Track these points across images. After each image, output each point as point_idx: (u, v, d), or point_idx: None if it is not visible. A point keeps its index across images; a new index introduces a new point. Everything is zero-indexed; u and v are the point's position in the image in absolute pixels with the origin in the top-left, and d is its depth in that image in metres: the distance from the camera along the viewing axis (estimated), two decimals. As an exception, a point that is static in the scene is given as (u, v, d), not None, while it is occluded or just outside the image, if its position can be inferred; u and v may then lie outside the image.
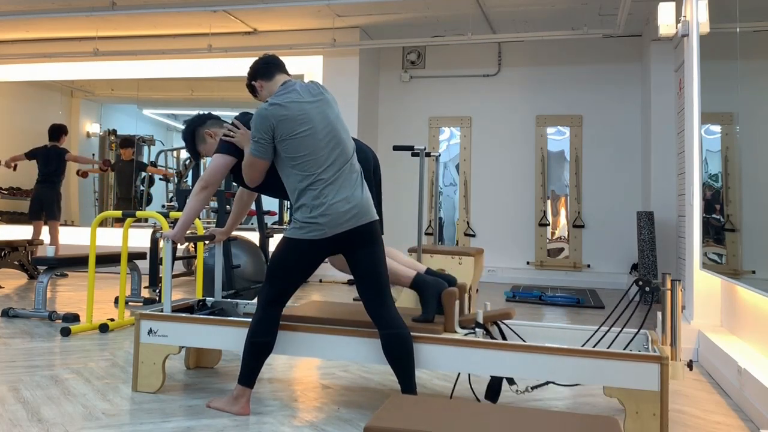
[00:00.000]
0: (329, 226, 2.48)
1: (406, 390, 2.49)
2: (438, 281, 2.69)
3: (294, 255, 2.52)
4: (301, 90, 2.61)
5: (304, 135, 2.53)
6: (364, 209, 2.54)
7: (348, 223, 2.49)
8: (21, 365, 3.31)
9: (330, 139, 2.56)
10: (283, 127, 2.52)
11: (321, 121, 2.56)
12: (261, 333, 2.55)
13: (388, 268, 2.71)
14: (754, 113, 3.09)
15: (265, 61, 2.76)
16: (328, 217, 2.48)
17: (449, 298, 2.64)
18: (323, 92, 2.66)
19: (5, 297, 5.70)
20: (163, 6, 6.98)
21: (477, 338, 2.58)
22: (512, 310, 2.90)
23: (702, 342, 3.76)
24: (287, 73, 2.78)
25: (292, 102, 2.56)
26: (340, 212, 2.48)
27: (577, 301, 6.13)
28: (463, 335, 2.61)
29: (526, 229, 8.25)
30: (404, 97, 8.76)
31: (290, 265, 2.53)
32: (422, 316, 2.69)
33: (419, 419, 1.68)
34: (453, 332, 2.64)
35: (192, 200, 2.79)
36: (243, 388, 2.59)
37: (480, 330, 2.67)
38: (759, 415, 2.59)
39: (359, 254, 2.54)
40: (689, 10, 4.17)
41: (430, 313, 2.67)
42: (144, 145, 9.05)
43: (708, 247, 3.88)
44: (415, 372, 2.50)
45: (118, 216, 4.37)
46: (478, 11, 7.18)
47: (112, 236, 8.43)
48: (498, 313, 2.87)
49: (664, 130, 6.98)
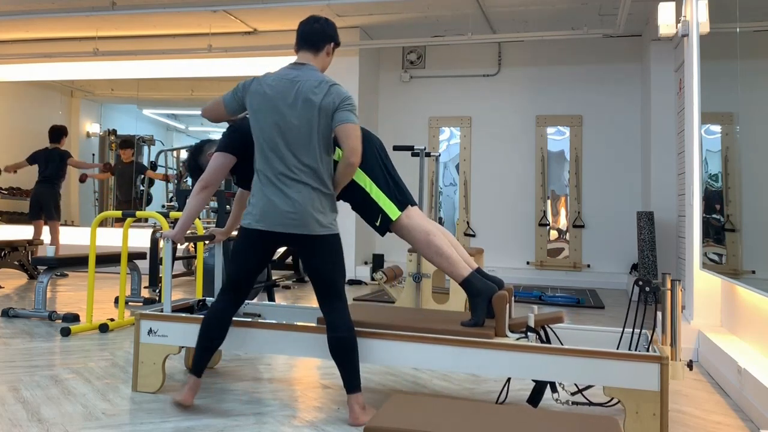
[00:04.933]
0: (257, 219, 2.53)
1: (349, 388, 2.52)
2: (488, 285, 2.64)
3: (238, 241, 2.61)
4: (288, 79, 2.55)
5: (257, 124, 2.55)
6: (294, 221, 2.49)
7: (276, 227, 2.51)
8: (21, 365, 3.31)
9: (274, 140, 2.51)
10: (249, 100, 2.58)
11: (274, 118, 2.52)
12: (204, 327, 2.61)
13: (447, 257, 2.67)
14: (754, 113, 3.09)
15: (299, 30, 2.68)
16: (258, 211, 2.53)
17: (500, 302, 2.57)
18: (312, 94, 2.51)
19: (5, 297, 5.70)
20: (163, 6, 6.98)
21: (530, 343, 2.53)
22: (562, 314, 2.83)
23: (702, 342, 3.76)
24: (310, 47, 2.63)
25: (269, 84, 2.55)
26: (266, 211, 2.51)
27: (577, 301, 6.13)
28: (514, 340, 2.56)
29: (526, 229, 8.25)
30: (404, 97, 8.76)
31: (237, 250, 2.61)
32: (472, 320, 2.63)
33: (419, 419, 1.68)
34: (504, 336, 2.58)
35: (192, 200, 2.79)
36: (190, 376, 2.64)
37: (532, 334, 2.62)
38: (759, 415, 2.59)
39: (303, 258, 2.57)
40: (689, 10, 4.17)
41: (480, 317, 2.63)
42: (144, 145, 9.05)
43: (708, 247, 3.87)
44: (358, 370, 2.53)
45: (118, 216, 4.37)
46: (478, 11, 7.18)
47: (112, 236, 8.43)
48: (548, 317, 2.79)
49: (664, 130, 6.98)
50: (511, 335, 2.60)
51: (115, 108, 9.45)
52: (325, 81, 2.56)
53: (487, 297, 2.63)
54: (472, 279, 2.66)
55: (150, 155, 9.01)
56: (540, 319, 2.76)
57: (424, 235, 2.70)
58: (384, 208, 2.72)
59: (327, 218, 2.54)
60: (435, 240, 2.69)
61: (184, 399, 2.60)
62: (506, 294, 2.60)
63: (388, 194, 2.73)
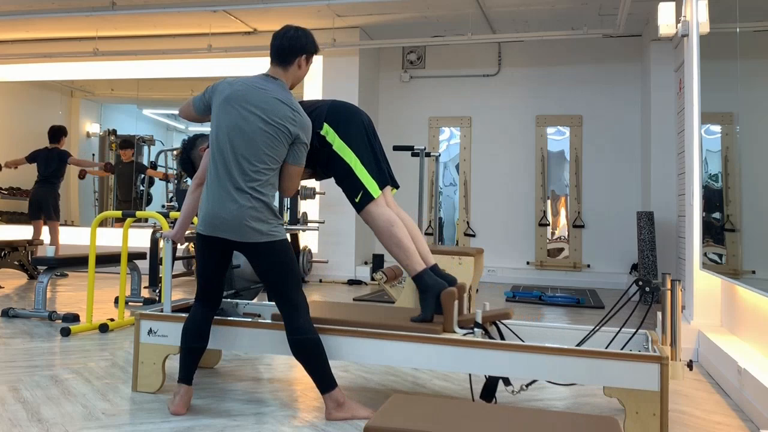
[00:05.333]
0: (203, 225, 2.54)
1: (320, 389, 2.54)
2: (438, 282, 2.69)
3: (195, 246, 2.64)
4: (256, 87, 2.56)
5: (214, 124, 2.57)
6: (232, 228, 2.48)
7: (218, 232, 2.51)
8: (21, 365, 3.31)
9: (225, 144, 2.51)
10: (214, 100, 2.62)
11: (231, 122, 2.52)
12: (183, 335, 2.62)
13: (404, 249, 2.69)
14: (754, 113, 3.09)
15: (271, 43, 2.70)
16: (203, 215, 2.54)
17: (448, 299, 2.63)
18: (273, 112, 2.50)
19: (5, 297, 5.70)
20: (163, 6, 6.98)
21: (475, 338, 2.58)
22: (510, 311, 2.90)
23: (702, 342, 3.76)
24: (280, 63, 2.64)
25: (234, 89, 2.57)
26: (208, 217, 2.52)
27: (577, 301, 6.13)
28: (461, 335, 2.61)
29: (526, 229, 8.25)
30: (404, 97, 8.76)
31: (196, 256, 2.64)
32: (421, 315, 2.69)
33: (419, 419, 1.68)
34: (452, 332, 2.64)
35: (188, 198, 2.81)
36: (180, 385, 2.61)
37: (479, 330, 2.68)
38: (759, 415, 2.59)
39: (251, 263, 2.57)
40: (689, 10, 4.17)
41: (429, 313, 2.68)
42: (144, 145, 9.05)
43: (708, 247, 3.87)
44: (326, 370, 2.53)
45: (118, 216, 4.37)
46: (478, 11, 7.18)
47: (112, 236, 8.43)
48: (496, 314, 2.87)
49: (664, 130, 6.98)
50: (459, 331, 2.64)
51: (115, 108, 9.45)
52: (291, 105, 2.56)
53: (436, 293, 2.66)
54: (423, 275, 2.69)
55: (150, 155, 9.01)
56: (488, 315, 2.83)
57: (387, 224, 2.73)
58: (366, 185, 2.74)
59: (266, 225, 2.51)
60: (396, 231, 2.72)
61: (176, 410, 2.57)
62: (455, 291, 2.63)
63: (371, 172, 2.75)
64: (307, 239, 7.99)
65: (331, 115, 2.76)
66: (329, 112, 2.77)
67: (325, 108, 2.79)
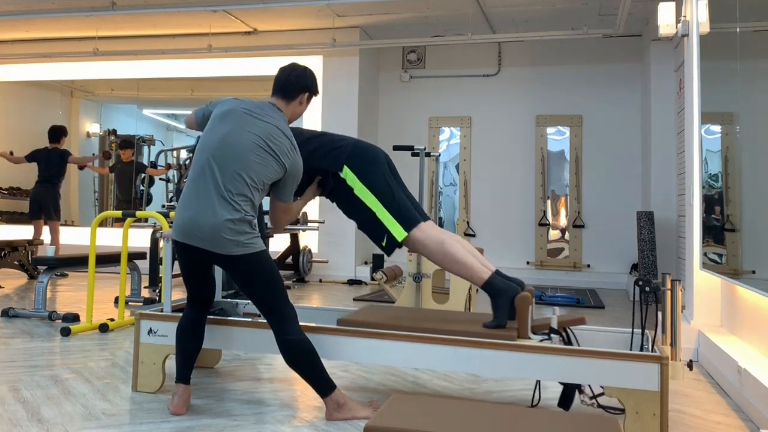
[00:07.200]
0: (177, 232, 2.52)
1: (318, 393, 2.52)
2: (510, 285, 2.61)
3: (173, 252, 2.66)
4: (262, 110, 2.60)
5: (209, 131, 2.58)
6: (208, 238, 2.45)
7: (194, 241, 2.48)
8: (21, 365, 3.31)
9: (217, 154, 2.50)
10: (218, 109, 2.65)
11: (228, 134, 2.53)
12: (178, 336, 2.63)
13: (464, 263, 2.66)
14: (754, 113, 3.09)
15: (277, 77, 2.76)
16: (179, 222, 2.51)
17: (523, 304, 2.53)
18: (273, 140, 2.53)
19: (5, 297, 5.70)
20: (163, 6, 6.98)
21: (554, 344, 2.51)
22: (584, 317, 2.78)
23: (702, 342, 3.76)
24: (284, 96, 2.70)
25: (241, 106, 2.60)
26: (183, 224, 2.49)
27: (577, 301, 6.13)
28: (537, 341, 2.52)
29: (526, 229, 8.25)
30: (404, 97, 8.76)
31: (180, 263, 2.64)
32: (494, 321, 2.60)
33: (419, 419, 1.68)
34: (527, 338, 2.55)
35: None
36: (177, 385, 2.61)
37: (556, 336, 2.59)
38: (759, 415, 2.59)
39: (232, 278, 2.55)
40: (689, 10, 4.18)
41: (503, 319, 2.60)
42: (144, 145, 9.05)
43: (708, 247, 3.87)
44: (321, 374, 2.50)
45: (118, 216, 4.37)
46: (478, 11, 7.18)
47: (112, 236, 8.43)
48: (570, 319, 2.75)
49: (664, 130, 6.98)
50: (534, 337, 2.57)
51: (115, 108, 9.45)
52: (291, 139, 2.60)
53: (509, 297, 2.60)
54: (492, 280, 2.63)
55: (150, 155, 9.01)
56: (563, 320, 2.71)
57: (439, 245, 2.69)
58: (390, 229, 2.71)
59: (243, 236, 2.47)
60: (450, 249, 2.67)
61: (176, 410, 2.56)
62: (528, 295, 2.55)
63: (393, 214, 2.71)
64: (307, 239, 8.00)
65: (353, 159, 2.75)
66: (350, 156, 2.75)
67: (346, 150, 2.77)
